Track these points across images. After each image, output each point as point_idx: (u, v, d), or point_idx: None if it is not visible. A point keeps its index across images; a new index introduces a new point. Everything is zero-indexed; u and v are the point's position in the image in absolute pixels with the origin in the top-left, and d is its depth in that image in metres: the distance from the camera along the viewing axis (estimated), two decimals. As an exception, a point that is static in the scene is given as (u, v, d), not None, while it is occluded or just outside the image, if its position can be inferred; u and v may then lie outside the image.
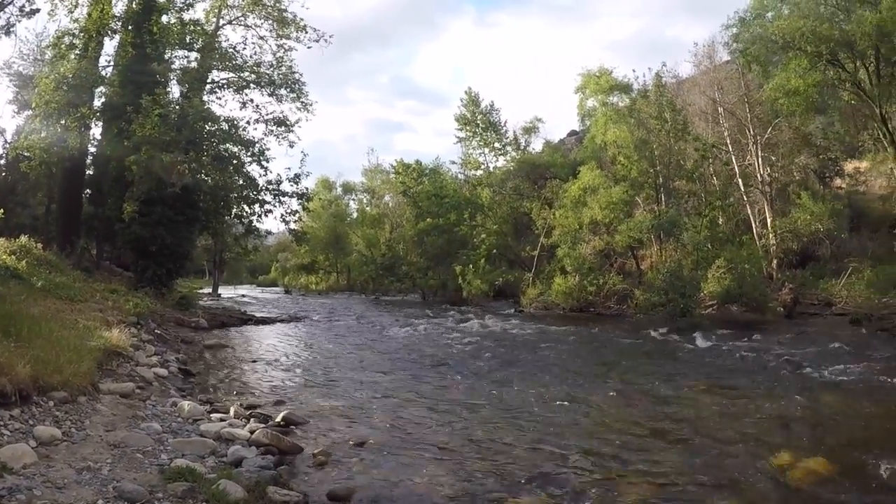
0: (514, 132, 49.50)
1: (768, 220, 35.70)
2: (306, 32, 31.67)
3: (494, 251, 42.79)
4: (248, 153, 30.22)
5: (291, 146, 31.59)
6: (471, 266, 40.48)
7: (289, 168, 31.40)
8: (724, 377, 15.56)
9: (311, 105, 32.07)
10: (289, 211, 31.76)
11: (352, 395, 13.14)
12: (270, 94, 31.59)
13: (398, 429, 10.50)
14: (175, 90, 31.58)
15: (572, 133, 61.22)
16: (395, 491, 7.73)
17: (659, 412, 11.93)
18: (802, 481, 8.21)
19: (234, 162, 29.74)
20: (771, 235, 34.98)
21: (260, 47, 31.75)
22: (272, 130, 31.12)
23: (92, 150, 32.42)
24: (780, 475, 8.43)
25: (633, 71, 69.99)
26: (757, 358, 18.02)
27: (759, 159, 36.64)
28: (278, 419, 10.30)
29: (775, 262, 34.44)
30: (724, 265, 29.59)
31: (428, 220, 45.76)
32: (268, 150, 30.50)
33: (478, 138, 48.94)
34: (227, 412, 10.57)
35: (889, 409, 11.95)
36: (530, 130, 49.34)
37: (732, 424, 10.94)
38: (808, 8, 26.54)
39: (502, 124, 49.08)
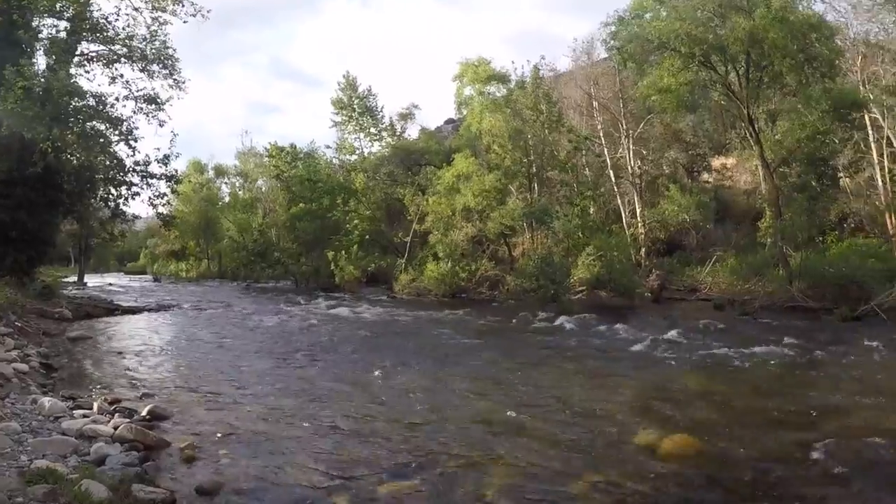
0: (391, 118, 48.55)
1: (638, 211, 36.62)
2: (183, 6, 29.07)
3: (367, 237, 41.60)
4: (116, 132, 27.69)
5: (161, 125, 29.06)
6: (343, 252, 39.16)
7: (158, 149, 29.03)
8: (592, 360, 15.70)
9: (183, 83, 29.62)
10: (157, 194, 29.40)
11: (221, 386, 12.72)
12: (142, 70, 28.94)
13: (268, 418, 10.23)
14: (41, 61, 28.80)
15: (449, 121, 60.64)
16: (265, 482, 7.54)
17: (529, 395, 11.92)
18: (668, 458, 8.40)
19: (101, 141, 27.28)
20: (640, 225, 35.97)
21: (134, 19, 28.95)
22: (142, 108, 28.53)
23: (-51, 124, 29.30)
24: (646, 453, 8.60)
25: (512, 62, 70.53)
26: (624, 341, 18.24)
27: (631, 152, 37.48)
28: (144, 413, 9.89)
29: (644, 250, 35.35)
30: (594, 252, 29.59)
31: (301, 205, 44.09)
32: (136, 129, 28.03)
33: (353, 123, 47.57)
34: (90, 408, 10.05)
35: (748, 388, 12.58)
36: (406, 117, 48.40)
37: (600, 406, 11.05)
38: (685, 12, 26.57)
39: (379, 109, 48.02)
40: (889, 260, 25.76)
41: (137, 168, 28.42)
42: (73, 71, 27.64)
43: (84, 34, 28.24)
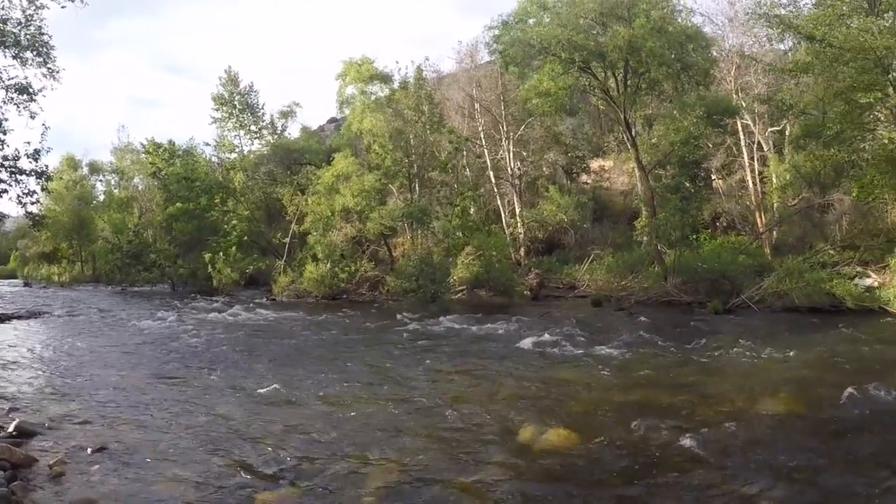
0: (272, 115, 46.78)
1: (517, 211, 37.24)
2: (61, -11, 27.30)
3: (246, 238, 39.89)
4: (-17, 123, 25.69)
5: (33, 117, 26.96)
6: (221, 254, 37.58)
7: (28, 143, 26.96)
8: (472, 359, 15.75)
9: (58, 72, 27.66)
10: (26, 191, 27.27)
11: (93, 398, 12.09)
12: (14, 57, 26.85)
13: (142, 430, 9.88)
14: None
15: (332, 120, 59.45)
16: (139, 497, 7.29)
17: (409, 395, 11.99)
18: (546, 451, 8.63)
19: (-33, 133, 25.20)
20: (519, 224, 36.60)
21: (9, 1, 27.10)
22: (12, 98, 26.48)
23: None
24: (526, 448, 8.82)
25: (396, 62, 70.28)
26: (504, 339, 18.54)
27: (511, 154, 37.99)
28: (10, 429, 9.38)
29: (523, 249, 36.20)
30: (474, 252, 29.78)
31: (178, 204, 41.78)
32: (6, 120, 25.96)
33: (234, 120, 45.64)
34: (-48, 427, 9.52)
35: (624, 380, 12.90)
36: (287, 114, 46.64)
37: (480, 403, 11.22)
38: (567, 19, 26.98)
39: (260, 106, 46.17)
40: (758, 256, 27.55)
41: (5, 163, 26.41)
42: (-63, 57, 25.61)
43: (-46, 17, 26.07)
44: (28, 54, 26.84)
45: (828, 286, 22.16)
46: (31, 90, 26.61)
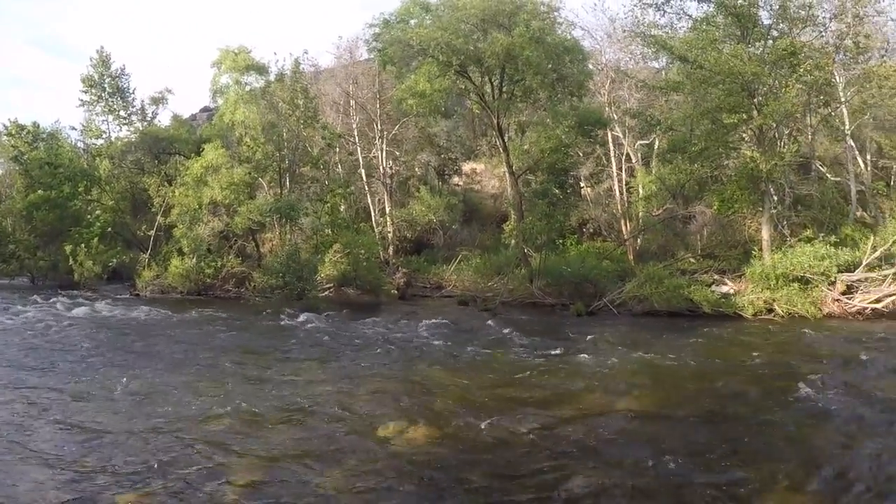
0: (142, 101, 43.60)
1: (387, 210, 37.15)
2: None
3: (110, 229, 37.59)
4: None
5: None
6: (83, 245, 35.20)
7: None
8: (336, 357, 15.81)
9: None
10: None
11: None
12: None
13: (0, 432, 9.43)
14: None
15: (205, 109, 56.65)
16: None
17: (273, 394, 11.88)
18: (405, 447, 8.86)
19: None
20: (389, 223, 36.52)
21: None
22: None
23: None
24: (385, 444, 9.01)
25: (275, 54, 68.77)
26: (369, 337, 18.63)
27: (384, 153, 37.89)
28: None
29: (392, 248, 36.07)
30: (342, 250, 29.01)
31: (39, 192, 39.01)
32: None
33: (103, 103, 42.50)
34: None
35: (487, 378, 13.17)
36: (158, 101, 43.50)
37: (343, 402, 11.23)
38: (449, 22, 26.70)
39: (131, 91, 42.75)
40: (622, 262, 28.56)
41: None
42: None
43: None
44: None
45: (686, 292, 22.88)
46: None
